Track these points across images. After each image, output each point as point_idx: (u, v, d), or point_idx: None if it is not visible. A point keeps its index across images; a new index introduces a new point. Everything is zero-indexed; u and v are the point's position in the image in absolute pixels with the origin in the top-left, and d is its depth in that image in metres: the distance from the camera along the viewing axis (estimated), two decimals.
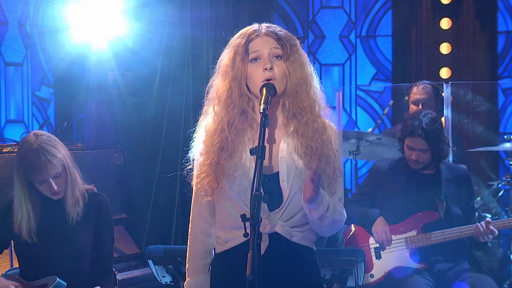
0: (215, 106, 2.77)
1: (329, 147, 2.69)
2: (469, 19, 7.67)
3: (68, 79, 6.28)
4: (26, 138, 3.75)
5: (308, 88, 2.71)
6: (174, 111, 6.54)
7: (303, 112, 2.69)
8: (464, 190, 4.81)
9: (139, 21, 6.38)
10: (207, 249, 2.86)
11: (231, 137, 2.69)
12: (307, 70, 2.73)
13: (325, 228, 2.72)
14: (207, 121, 2.81)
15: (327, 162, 2.67)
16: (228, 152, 2.68)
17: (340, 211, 2.72)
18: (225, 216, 2.74)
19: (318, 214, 2.62)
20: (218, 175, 2.68)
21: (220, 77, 2.78)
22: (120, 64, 6.27)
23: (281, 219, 2.68)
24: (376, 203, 4.87)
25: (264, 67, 2.67)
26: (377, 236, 4.74)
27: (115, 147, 6.16)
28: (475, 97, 7.46)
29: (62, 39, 6.27)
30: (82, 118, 6.23)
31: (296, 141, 2.69)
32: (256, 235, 2.40)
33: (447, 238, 4.66)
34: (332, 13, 8.33)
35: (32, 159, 3.63)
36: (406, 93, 5.96)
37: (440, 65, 7.75)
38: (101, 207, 3.88)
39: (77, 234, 3.80)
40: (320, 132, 2.69)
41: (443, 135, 4.75)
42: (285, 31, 2.75)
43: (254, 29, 2.74)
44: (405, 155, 4.77)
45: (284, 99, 2.71)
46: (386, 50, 8.19)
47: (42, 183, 3.69)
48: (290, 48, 2.70)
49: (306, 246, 2.77)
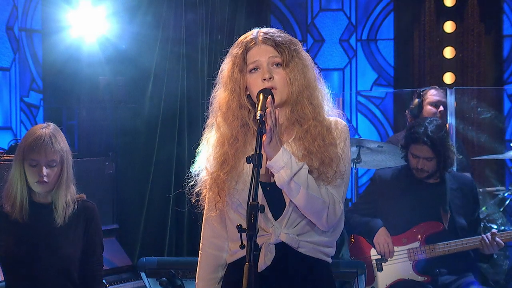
0: (217, 118, 2.78)
1: (332, 149, 2.68)
2: (473, 22, 7.68)
3: (58, 84, 6.28)
4: (36, 125, 3.85)
5: (311, 93, 2.71)
6: (168, 117, 6.54)
7: (304, 119, 2.70)
8: (469, 200, 4.81)
9: (132, 24, 6.39)
10: (219, 264, 2.88)
11: (232, 151, 2.71)
12: (309, 74, 2.73)
13: (307, 206, 2.67)
14: (209, 135, 2.82)
15: (328, 165, 2.66)
16: (229, 166, 2.70)
17: (327, 194, 2.65)
18: (232, 227, 2.77)
19: (287, 177, 2.58)
20: (220, 188, 2.71)
21: (221, 88, 2.79)
22: (112, 68, 6.27)
23: (285, 227, 2.68)
24: (378, 213, 4.86)
25: (263, 77, 2.67)
26: (379, 247, 4.73)
27: (106, 155, 6.15)
28: (480, 103, 7.47)
29: (51, 43, 6.27)
30: (73, 124, 6.23)
31: (294, 147, 2.70)
32: (252, 246, 2.39)
33: (451, 250, 4.66)
34: (331, 16, 8.34)
35: (35, 139, 3.70)
36: (418, 96, 5.93)
37: (444, 70, 7.76)
38: (89, 215, 3.88)
39: (65, 243, 3.79)
40: (323, 135, 2.68)
41: (448, 142, 4.75)
42: (284, 36, 2.74)
43: (252, 37, 2.73)
44: (409, 164, 4.76)
45: (286, 107, 2.72)
46: (387, 54, 8.20)
47: (34, 166, 3.70)
48: (289, 54, 2.70)
49: (318, 259, 2.75)
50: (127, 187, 6.37)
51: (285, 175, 2.58)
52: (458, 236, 4.67)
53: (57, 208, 3.76)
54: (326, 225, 2.70)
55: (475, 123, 7.44)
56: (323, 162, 2.65)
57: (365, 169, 7.73)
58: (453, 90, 6.27)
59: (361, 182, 7.85)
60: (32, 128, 3.84)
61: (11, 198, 3.75)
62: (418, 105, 5.90)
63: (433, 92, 5.88)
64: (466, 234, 4.69)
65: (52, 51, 6.27)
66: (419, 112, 5.86)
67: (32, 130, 3.80)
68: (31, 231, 3.77)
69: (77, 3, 6.16)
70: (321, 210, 2.65)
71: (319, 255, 2.75)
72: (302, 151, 2.68)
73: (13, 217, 3.75)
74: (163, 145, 6.52)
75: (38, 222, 3.78)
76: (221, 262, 2.87)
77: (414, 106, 5.94)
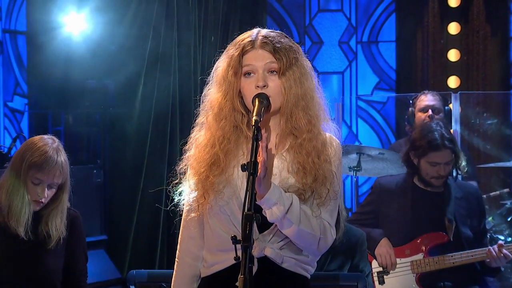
0: (208, 117, 2.76)
1: (327, 167, 2.67)
2: (479, 24, 7.70)
3: (43, 88, 6.26)
4: (39, 137, 3.76)
5: (306, 104, 2.69)
6: (160, 122, 6.54)
7: (299, 132, 2.68)
8: (474, 210, 4.80)
9: (121, 25, 6.39)
10: (195, 274, 2.84)
11: (223, 153, 2.69)
12: (307, 83, 2.70)
13: (297, 240, 2.67)
14: (199, 134, 2.80)
15: (322, 183, 2.65)
16: (219, 169, 2.68)
17: (318, 225, 2.65)
18: (212, 236, 2.74)
19: (280, 213, 2.57)
20: (206, 189, 2.68)
21: (214, 87, 2.77)
22: (100, 71, 6.27)
23: (271, 242, 2.67)
24: (379, 223, 4.86)
25: (256, 84, 2.65)
26: (381, 259, 4.73)
27: (94, 162, 6.15)
28: (486, 108, 7.48)
29: (37, 45, 6.27)
30: (59, 130, 6.21)
31: (288, 160, 2.68)
32: (248, 258, 2.38)
33: (456, 262, 4.65)
34: (330, 17, 8.35)
35: (46, 159, 3.63)
36: (412, 103, 5.95)
37: (448, 73, 7.78)
38: (73, 223, 3.86)
39: (47, 254, 3.77)
40: (318, 151, 2.67)
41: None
42: (284, 41, 2.70)
43: (250, 40, 2.70)
44: (423, 174, 4.73)
45: (279, 117, 2.70)
46: (389, 57, 8.21)
47: (36, 184, 3.67)
48: (287, 62, 2.67)
49: (299, 274, 2.74)
50: (116, 196, 6.37)
51: (278, 211, 2.57)
52: (464, 248, 4.67)
53: (52, 234, 3.73)
54: (316, 253, 2.73)
55: (480, 129, 7.45)
56: (317, 179, 2.63)
57: (366, 177, 7.72)
58: (458, 94, 6.28)
59: (361, 191, 7.84)
60: (37, 141, 3.72)
61: (15, 212, 3.70)
62: (411, 113, 5.92)
63: (421, 98, 5.89)
64: (471, 245, 4.69)
65: (38, 53, 6.27)
66: (413, 121, 5.88)
67: (40, 146, 3.69)
68: (15, 242, 3.76)
69: (64, 3, 6.16)
70: (311, 244, 2.66)
71: (300, 270, 2.74)
72: (296, 165, 2.66)
73: (11, 231, 3.71)
74: (154, 152, 6.52)
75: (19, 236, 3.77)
76: (197, 272, 2.83)
77: (408, 115, 5.96)
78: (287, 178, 2.67)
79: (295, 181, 2.65)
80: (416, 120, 5.83)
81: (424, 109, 5.81)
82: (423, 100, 5.86)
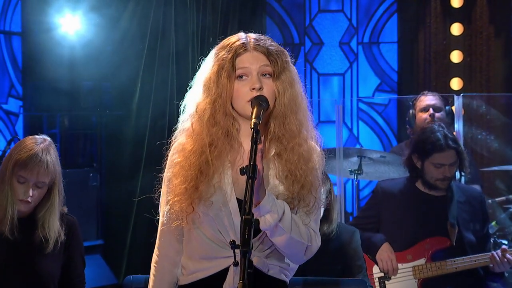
0: (194, 123, 2.75)
1: (314, 174, 2.69)
2: (482, 24, 7.71)
3: (39, 90, 6.27)
4: (31, 136, 3.77)
5: (297, 109, 2.70)
6: (157, 125, 6.54)
7: (290, 136, 2.69)
8: (478, 214, 4.81)
9: (118, 25, 6.40)
10: (173, 280, 2.84)
11: (211, 160, 2.68)
12: (297, 88, 2.72)
13: (286, 249, 2.69)
14: (182, 139, 2.78)
15: (309, 191, 2.67)
16: (206, 176, 2.67)
17: (306, 233, 2.68)
18: (196, 244, 2.74)
19: (273, 221, 2.58)
20: (194, 199, 2.67)
21: (201, 92, 2.76)
22: (96, 73, 6.28)
23: (258, 250, 2.68)
24: (381, 228, 4.86)
25: (252, 86, 2.65)
26: (382, 265, 4.73)
27: (91, 166, 6.16)
28: (490, 110, 7.48)
29: (32, 46, 6.28)
30: (54, 133, 6.22)
31: (277, 165, 2.69)
32: (247, 263, 2.38)
33: (459, 267, 4.65)
34: (331, 17, 8.37)
35: (31, 156, 3.64)
36: (411, 105, 5.96)
37: (451, 75, 7.79)
38: (70, 229, 3.86)
39: (45, 260, 3.78)
40: (306, 158, 2.68)
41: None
42: (276, 45, 2.72)
43: (242, 42, 2.70)
44: (429, 177, 4.73)
45: (270, 120, 2.71)
46: (391, 59, 8.22)
47: (21, 182, 3.68)
48: (281, 65, 2.68)
49: (281, 280, 2.76)
50: (112, 200, 6.37)
51: (272, 219, 2.58)
52: (467, 253, 4.67)
53: (50, 236, 3.74)
54: (301, 261, 2.75)
55: (484, 132, 7.45)
56: (303, 186, 2.65)
57: (367, 181, 7.74)
58: (461, 96, 6.27)
59: (362, 194, 7.85)
60: (27, 140, 3.76)
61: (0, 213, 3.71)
62: (412, 115, 5.93)
63: (421, 98, 5.90)
64: (475, 250, 4.69)
65: (33, 55, 6.28)
66: (414, 123, 5.88)
67: (28, 143, 3.71)
68: (10, 247, 3.77)
69: (59, 4, 6.17)
70: (299, 251, 2.69)
71: (282, 276, 2.77)
72: (286, 172, 2.67)
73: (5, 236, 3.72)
74: (151, 155, 6.52)
75: (16, 237, 3.78)
76: (175, 280, 2.83)
77: (409, 117, 5.96)
78: (276, 185, 2.68)
79: (283, 188, 2.66)
80: (417, 121, 5.83)
81: (424, 108, 5.81)
82: (423, 100, 5.87)
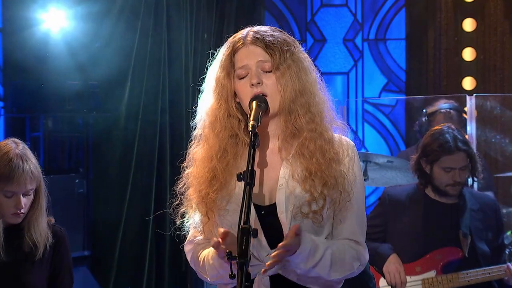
0: (205, 128, 2.76)
1: (334, 166, 2.66)
2: (496, 20, 7.71)
3: (21, 90, 6.26)
4: (3, 142, 3.73)
5: (306, 100, 2.68)
6: (148, 128, 6.53)
7: (300, 131, 2.68)
8: (491, 223, 4.80)
9: (106, 22, 6.39)
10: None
11: (221, 165, 2.68)
12: (305, 78, 2.70)
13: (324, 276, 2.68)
14: (197, 148, 2.79)
15: (332, 186, 2.64)
16: (218, 183, 2.67)
17: (351, 257, 2.65)
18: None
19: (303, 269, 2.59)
20: (209, 208, 2.68)
21: (208, 94, 2.77)
22: (82, 72, 6.26)
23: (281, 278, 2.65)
24: (388, 238, 4.86)
25: (250, 82, 2.65)
26: (390, 277, 4.73)
27: (76, 171, 6.14)
28: (504, 111, 7.47)
29: (13, 43, 6.27)
30: (37, 136, 6.21)
31: (295, 164, 2.67)
32: (244, 276, 2.36)
33: (472, 280, 4.65)
34: (334, 12, 8.37)
35: (12, 168, 3.61)
36: (425, 115, 5.95)
37: (463, 74, 7.79)
38: (58, 241, 3.86)
39: (30, 275, 3.77)
40: (322, 150, 2.66)
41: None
42: (277, 35, 2.71)
43: (240, 37, 2.72)
44: (438, 182, 4.73)
45: (280, 117, 2.70)
46: (398, 56, 8.22)
47: (10, 196, 3.66)
48: (280, 56, 2.67)
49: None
50: (100, 208, 6.35)
51: (305, 267, 2.59)
52: (480, 265, 4.67)
53: (38, 241, 3.72)
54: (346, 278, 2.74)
55: (498, 135, 7.45)
56: (326, 183, 2.62)
57: (373, 188, 7.73)
58: (473, 97, 6.27)
59: (368, 202, 7.84)
60: (0, 149, 3.71)
61: None
62: (426, 123, 5.93)
63: (438, 118, 5.90)
64: (488, 262, 4.69)
65: (14, 52, 6.26)
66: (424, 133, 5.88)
67: (2, 155, 3.67)
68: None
69: None
70: (346, 276, 2.70)
71: (320, 286, 2.70)
72: (302, 171, 2.65)
73: None
74: (141, 160, 6.51)
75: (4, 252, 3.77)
76: None
77: (420, 124, 5.96)
78: (294, 187, 2.65)
79: (302, 189, 2.64)
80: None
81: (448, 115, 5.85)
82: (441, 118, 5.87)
